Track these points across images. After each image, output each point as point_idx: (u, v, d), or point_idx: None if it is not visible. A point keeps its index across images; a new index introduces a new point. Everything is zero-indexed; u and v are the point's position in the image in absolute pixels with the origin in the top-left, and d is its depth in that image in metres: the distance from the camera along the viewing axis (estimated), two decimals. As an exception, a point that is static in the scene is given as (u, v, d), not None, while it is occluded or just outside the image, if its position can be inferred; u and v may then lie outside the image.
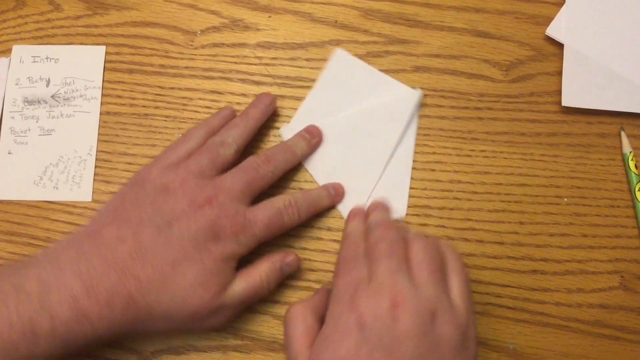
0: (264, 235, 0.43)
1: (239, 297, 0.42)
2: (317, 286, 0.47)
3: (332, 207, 0.49)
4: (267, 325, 0.47)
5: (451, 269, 0.39)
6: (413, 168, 0.50)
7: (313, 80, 0.52)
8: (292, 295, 0.47)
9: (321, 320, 0.40)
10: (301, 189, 0.49)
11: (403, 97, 0.50)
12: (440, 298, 0.36)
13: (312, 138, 0.49)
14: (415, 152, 0.50)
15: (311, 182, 0.49)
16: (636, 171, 0.49)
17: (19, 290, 0.37)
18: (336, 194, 0.48)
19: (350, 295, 0.37)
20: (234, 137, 0.46)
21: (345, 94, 0.51)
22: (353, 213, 0.45)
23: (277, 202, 0.44)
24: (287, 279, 0.47)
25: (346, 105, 0.51)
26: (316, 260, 0.48)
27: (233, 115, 0.49)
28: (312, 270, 0.48)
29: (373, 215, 0.43)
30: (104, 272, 0.38)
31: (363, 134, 0.50)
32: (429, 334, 0.35)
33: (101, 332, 0.38)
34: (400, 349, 0.34)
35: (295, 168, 0.49)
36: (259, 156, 0.46)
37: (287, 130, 0.50)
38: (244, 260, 0.43)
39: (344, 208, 0.48)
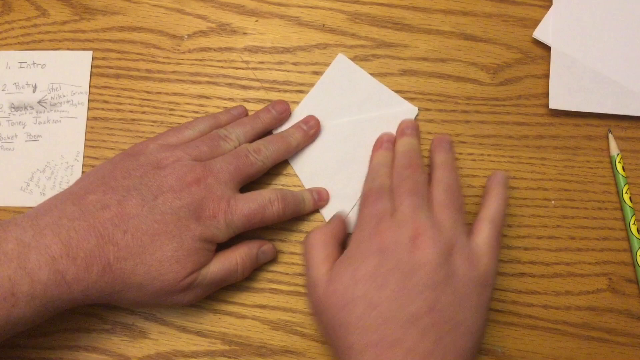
0: (242, 226, 0.43)
1: (212, 277, 0.42)
2: (306, 291, 0.47)
3: (314, 210, 0.49)
4: (255, 331, 0.47)
5: (487, 217, 0.42)
6: (401, 171, 0.50)
7: (301, 85, 0.52)
8: (279, 300, 0.47)
9: (340, 246, 0.43)
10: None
11: (400, 113, 0.49)
12: (458, 236, 0.40)
13: (310, 129, 0.49)
14: (403, 156, 0.50)
15: (299, 186, 0.49)
16: (624, 173, 0.49)
17: None
18: (319, 198, 0.48)
19: (374, 225, 0.40)
20: (237, 134, 0.46)
21: (341, 100, 0.51)
22: (380, 141, 0.48)
23: (263, 195, 0.44)
24: (275, 284, 0.47)
25: (341, 111, 0.50)
26: (304, 265, 0.48)
27: (244, 114, 0.50)
28: (300, 274, 0.48)
29: (401, 147, 0.46)
30: (84, 236, 0.38)
31: (355, 143, 0.50)
32: (444, 265, 0.38)
33: (76, 295, 0.37)
34: (416, 274, 0.37)
35: (283, 171, 0.49)
36: (251, 144, 0.46)
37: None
38: (223, 245, 0.43)
39: (328, 213, 0.48)
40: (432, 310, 0.36)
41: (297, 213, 0.47)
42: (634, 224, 0.48)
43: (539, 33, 0.52)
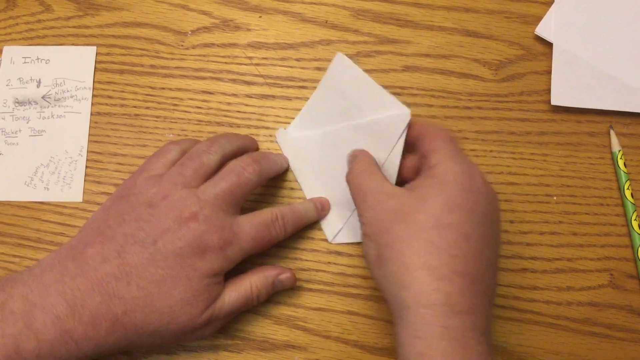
0: (251, 248, 0.42)
1: (229, 308, 0.42)
2: (308, 285, 0.48)
3: (317, 221, 0.49)
4: (258, 325, 0.47)
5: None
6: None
7: (304, 80, 0.52)
8: (281, 294, 0.47)
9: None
10: (289, 201, 0.50)
11: (394, 117, 0.48)
12: None
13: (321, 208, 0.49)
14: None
15: (300, 197, 0.50)
16: (625, 169, 0.49)
17: (4, 309, 0.36)
18: (322, 208, 0.48)
19: (469, 164, 0.39)
20: (220, 144, 0.44)
21: (341, 103, 0.49)
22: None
23: (264, 215, 0.43)
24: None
25: (340, 114, 0.49)
26: (307, 260, 0.48)
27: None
28: (303, 269, 0.48)
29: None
30: (87, 293, 0.37)
31: (352, 149, 0.49)
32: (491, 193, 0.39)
33: (88, 352, 0.37)
34: (493, 215, 0.39)
35: (284, 179, 0.50)
36: (241, 159, 0.44)
37: (282, 134, 0.50)
38: (233, 270, 0.42)
39: (327, 223, 0.49)
40: (497, 257, 0.39)
41: (301, 226, 0.47)
42: (635, 219, 0.48)
43: (541, 30, 0.52)
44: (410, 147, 0.44)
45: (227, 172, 0.43)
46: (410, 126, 0.43)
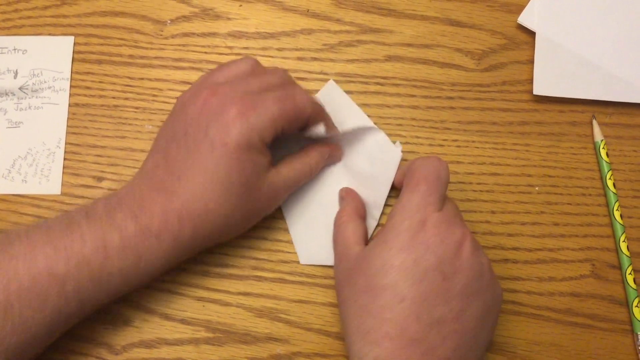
0: (279, 114, 0.41)
1: (285, 175, 0.43)
2: (290, 278, 0.47)
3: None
4: (239, 318, 0.46)
5: None
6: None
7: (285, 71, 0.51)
8: (263, 287, 0.47)
9: (364, 221, 0.46)
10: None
11: (385, 158, 0.47)
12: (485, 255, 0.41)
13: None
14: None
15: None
16: (607, 159, 0.49)
17: (89, 213, 0.39)
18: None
19: (420, 217, 0.38)
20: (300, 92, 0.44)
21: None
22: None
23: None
24: (259, 271, 0.47)
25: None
26: (289, 252, 0.48)
27: None
28: (284, 262, 0.48)
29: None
30: (151, 194, 0.39)
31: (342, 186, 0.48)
32: (480, 278, 0.38)
33: (169, 247, 0.39)
34: (455, 279, 0.37)
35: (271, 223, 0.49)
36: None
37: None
38: None
39: (307, 257, 0.48)
40: (459, 318, 0.36)
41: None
42: (617, 210, 0.48)
43: (524, 18, 0.51)
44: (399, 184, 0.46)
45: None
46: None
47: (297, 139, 0.47)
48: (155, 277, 0.40)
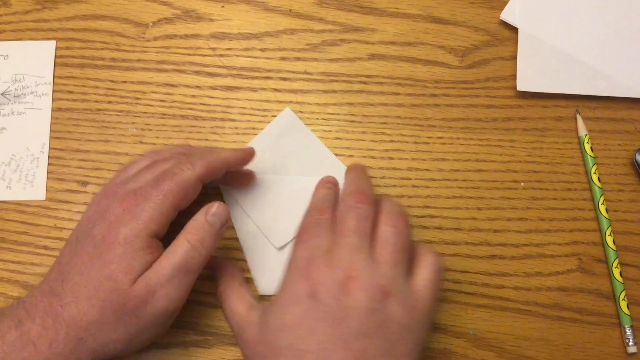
0: (170, 202, 0.39)
1: (168, 272, 0.38)
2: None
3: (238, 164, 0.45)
4: (227, 320, 0.46)
5: (423, 261, 0.39)
6: (371, 157, 0.49)
7: (269, 71, 0.51)
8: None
9: (242, 280, 0.44)
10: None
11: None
12: (396, 279, 0.37)
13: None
14: (374, 141, 0.50)
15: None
16: (592, 154, 0.49)
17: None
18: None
19: (305, 265, 0.37)
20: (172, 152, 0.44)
21: (282, 154, 0.49)
22: (324, 181, 0.44)
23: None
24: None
25: (282, 167, 0.49)
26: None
27: None
28: (271, 262, 0.47)
29: (348, 183, 0.42)
30: (38, 298, 0.38)
31: (293, 200, 0.48)
32: (378, 311, 0.35)
33: (46, 352, 0.37)
34: (346, 321, 0.34)
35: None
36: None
37: None
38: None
39: (264, 288, 0.47)
40: (363, 358, 0.34)
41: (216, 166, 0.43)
42: (602, 204, 0.48)
43: (507, 14, 0.52)
44: None
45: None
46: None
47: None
48: None
